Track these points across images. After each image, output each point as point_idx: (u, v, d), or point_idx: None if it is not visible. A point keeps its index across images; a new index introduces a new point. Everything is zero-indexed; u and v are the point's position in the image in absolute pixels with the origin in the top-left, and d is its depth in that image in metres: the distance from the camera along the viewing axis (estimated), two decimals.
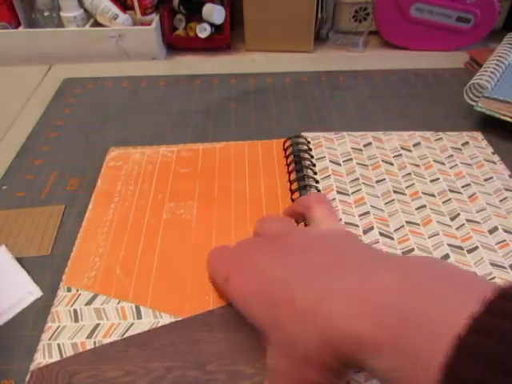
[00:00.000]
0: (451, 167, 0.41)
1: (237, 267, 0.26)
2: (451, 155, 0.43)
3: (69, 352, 0.28)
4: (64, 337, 0.28)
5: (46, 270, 0.33)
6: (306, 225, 0.32)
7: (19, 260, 0.34)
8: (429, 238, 0.35)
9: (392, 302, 0.17)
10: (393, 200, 0.38)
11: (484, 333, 0.14)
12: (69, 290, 0.31)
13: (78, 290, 0.31)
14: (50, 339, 0.28)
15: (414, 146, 0.44)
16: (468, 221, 0.36)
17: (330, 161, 0.42)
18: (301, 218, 0.32)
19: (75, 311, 0.30)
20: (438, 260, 0.20)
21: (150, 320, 0.29)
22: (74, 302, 0.31)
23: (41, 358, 0.27)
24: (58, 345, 0.28)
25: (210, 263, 0.30)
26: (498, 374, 0.13)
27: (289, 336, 0.21)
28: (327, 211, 0.28)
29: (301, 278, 0.21)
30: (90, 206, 0.38)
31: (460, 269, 0.19)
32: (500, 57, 0.50)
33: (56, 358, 0.27)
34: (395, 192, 0.39)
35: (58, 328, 0.29)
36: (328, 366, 0.19)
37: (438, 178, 0.40)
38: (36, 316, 0.30)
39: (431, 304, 0.16)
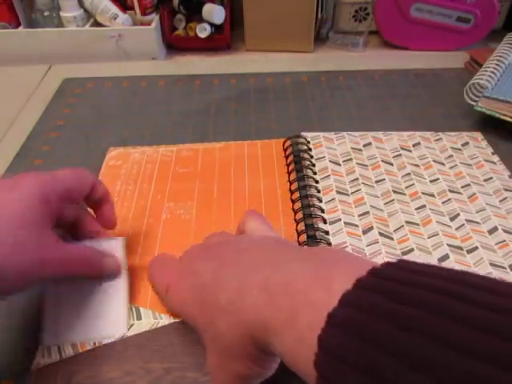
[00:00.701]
0: (451, 167, 0.41)
1: (176, 276, 0.27)
2: (451, 155, 0.43)
3: (68, 352, 0.28)
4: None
5: None
6: None
7: None
8: (428, 238, 0.35)
9: (288, 287, 0.19)
10: (392, 200, 0.38)
11: (350, 306, 0.16)
12: None
13: None
14: None
15: (413, 146, 0.44)
16: (468, 221, 0.36)
17: (330, 161, 0.42)
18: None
19: None
20: (338, 249, 0.23)
21: (149, 321, 0.29)
22: None
23: (40, 358, 0.27)
24: (58, 345, 0.28)
25: (152, 275, 0.30)
26: (361, 341, 0.15)
27: (216, 332, 0.22)
28: (259, 222, 0.29)
29: (226, 277, 0.23)
30: None
31: (352, 255, 0.21)
32: (500, 57, 0.50)
33: (55, 358, 0.27)
34: (395, 192, 0.39)
35: None
36: (249, 355, 0.21)
37: (438, 178, 0.40)
38: (36, 316, 0.30)
39: (317, 287, 0.18)
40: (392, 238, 0.35)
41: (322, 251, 0.22)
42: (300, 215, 0.36)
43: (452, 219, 0.36)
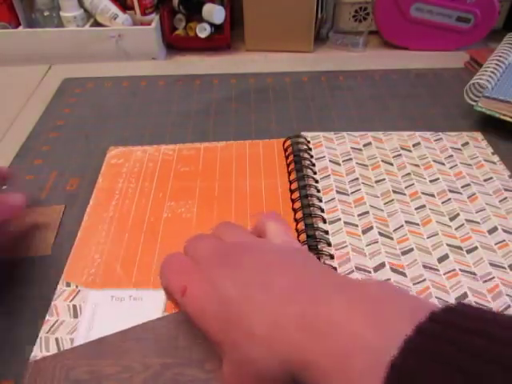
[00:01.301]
0: (451, 167, 0.41)
1: (193, 279, 0.25)
2: (451, 155, 0.43)
3: (67, 346, 0.28)
4: (62, 331, 0.29)
5: (47, 269, 0.33)
6: None
7: (20, 260, 0.34)
8: (428, 238, 0.35)
9: (337, 328, 0.18)
10: (392, 200, 0.38)
11: (414, 354, 0.15)
12: (68, 284, 0.32)
13: (77, 286, 0.31)
14: (47, 332, 0.29)
15: (413, 146, 0.44)
16: (468, 221, 0.36)
17: (330, 160, 0.42)
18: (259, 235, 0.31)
19: (74, 307, 0.30)
20: (383, 284, 0.21)
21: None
22: (73, 297, 0.31)
23: (37, 351, 0.27)
24: (56, 339, 0.28)
25: (165, 277, 0.28)
26: None
27: (245, 356, 0.21)
28: (280, 225, 0.28)
29: (256, 301, 0.22)
30: (91, 203, 0.38)
31: (402, 293, 0.20)
32: (500, 56, 0.50)
33: (53, 351, 0.27)
34: (395, 192, 0.39)
35: (56, 322, 0.29)
36: (279, 382, 0.20)
37: (438, 178, 0.40)
38: (36, 316, 0.30)
39: (368, 329, 0.17)
40: (392, 238, 0.35)
41: (363, 286, 0.21)
42: (300, 214, 0.36)
43: (452, 219, 0.36)
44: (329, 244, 0.34)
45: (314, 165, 0.41)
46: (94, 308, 0.30)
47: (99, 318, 0.29)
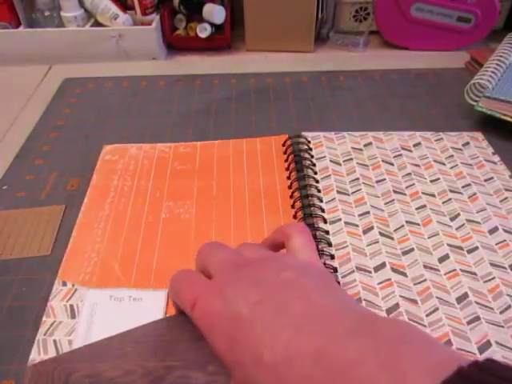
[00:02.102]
0: (451, 167, 0.41)
1: (205, 292, 0.24)
2: (452, 155, 0.43)
3: (65, 348, 0.28)
4: (60, 333, 0.28)
5: (47, 269, 0.33)
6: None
7: (20, 260, 0.34)
8: (429, 238, 0.34)
9: (353, 368, 0.17)
10: (393, 200, 0.38)
11: None
12: (64, 284, 0.31)
13: (73, 285, 0.31)
14: (45, 334, 0.28)
15: (414, 146, 0.44)
16: (468, 221, 0.36)
17: (331, 160, 0.42)
18: (279, 249, 0.30)
19: (71, 307, 0.30)
20: (408, 327, 0.19)
21: None
22: (70, 297, 0.31)
23: (36, 354, 0.27)
24: (54, 340, 0.28)
25: (176, 291, 0.27)
26: None
27: (251, 379, 0.20)
28: (306, 241, 0.27)
29: (269, 323, 0.20)
30: (86, 200, 0.38)
31: (419, 334, 0.19)
32: (501, 56, 0.50)
33: (52, 353, 0.27)
34: (395, 192, 0.39)
35: (53, 323, 0.29)
36: None
37: (439, 178, 0.40)
38: (36, 316, 0.30)
39: (387, 379, 0.16)
40: (392, 238, 0.35)
41: (384, 325, 0.20)
42: (300, 214, 0.36)
43: (452, 219, 0.36)
44: (329, 244, 0.34)
45: (314, 165, 0.41)
46: (93, 308, 0.30)
47: (98, 319, 0.29)
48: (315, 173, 0.41)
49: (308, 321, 0.20)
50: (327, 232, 0.35)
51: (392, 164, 0.42)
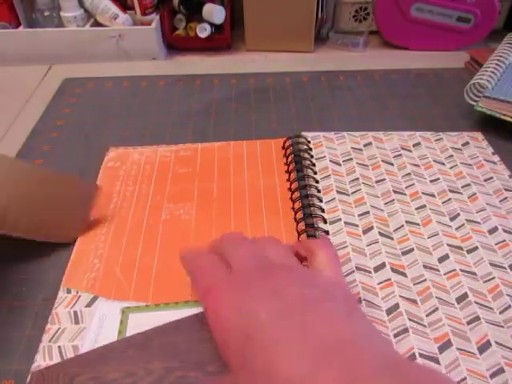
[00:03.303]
0: (451, 167, 0.41)
1: (220, 285, 0.24)
2: (451, 155, 0.43)
3: (69, 353, 0.28)
4: (64, 339, 0.28)
5: (47, 269, 0.33)
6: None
7: (19, 260, 0.34)
8: (428, 238, 0.34)
9: None
10: (393, 200, 0.38)
11: None
12: (68, 291, 0.31)
13: (77, 292, 0.31)
14: (50, 341, 0.28)
15: (414, 146, 0.44)
16: (468, 221, 0.36)
17: (330, 160, 0.42)
18: (302, 260, 0.30)
19: (75, 313, 0.30)
20: (433, 374, 0.19)
21: None
22: (74, 303, 0.31)
23: (41, 360, 0.27)
24: (59, 347, 0.28)
25: (194, 269, 0.26)
26: None
27: None
28: (331, 257, 0.26)
29: (289, 340, 0.19)
30: None
31: (442, 378, 0.18)
32: (500, 56, 0.50)
33: (56, 359, 0.27)
34: (395, 192, 0.39)
35: (58, 330, 0.29)
36: None
37: (438, 178, 0.40)
38: (36, 316, 0.30)
39: None
40: (392, 238, 0.35)
41: (409, 366, 0.19)
42: (300, 215, 0.36)
43: (452, 219, 0.36)
44: None
45: (314, 165, 0.41)
46: (102, 320, 0.29)
47: (105, 331, 0.29)
48: (315, 173, 0.41)
49: (329, 351, 0.19)
50: (327, 232, 0.35)
51: (392, 164, 0.42)
